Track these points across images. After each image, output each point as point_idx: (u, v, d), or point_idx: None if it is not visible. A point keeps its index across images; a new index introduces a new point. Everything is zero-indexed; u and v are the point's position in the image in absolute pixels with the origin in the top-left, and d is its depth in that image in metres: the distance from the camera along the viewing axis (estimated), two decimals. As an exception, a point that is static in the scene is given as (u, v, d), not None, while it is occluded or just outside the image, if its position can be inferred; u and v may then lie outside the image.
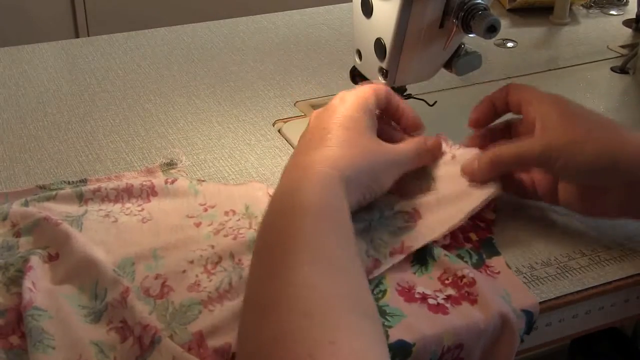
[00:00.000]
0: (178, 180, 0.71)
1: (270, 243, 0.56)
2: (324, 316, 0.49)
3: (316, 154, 0.62)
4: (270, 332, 0.49)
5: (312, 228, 0.55)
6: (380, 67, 0.72)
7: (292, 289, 0.51)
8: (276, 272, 0.53)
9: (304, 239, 0.55)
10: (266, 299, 0.52)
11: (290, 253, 0.54)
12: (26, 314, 0.56)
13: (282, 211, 0.58)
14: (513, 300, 0.60)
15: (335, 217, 0.58)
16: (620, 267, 0.65)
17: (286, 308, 0.50)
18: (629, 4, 1.19)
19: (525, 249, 0.67)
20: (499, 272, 0.63)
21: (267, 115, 0.87)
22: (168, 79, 0.95)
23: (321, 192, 0.58)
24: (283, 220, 0.57)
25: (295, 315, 0.49)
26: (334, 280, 0.52)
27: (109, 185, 0.70)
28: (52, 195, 0.69)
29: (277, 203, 0.60)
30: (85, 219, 0.67)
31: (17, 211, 0.66)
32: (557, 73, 0.98)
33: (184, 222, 0.67)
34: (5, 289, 0.59)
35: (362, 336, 0.49)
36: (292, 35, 1.07)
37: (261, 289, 0.53)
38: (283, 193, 0.60)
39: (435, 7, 0.68)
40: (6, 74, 0.95)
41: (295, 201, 0.58)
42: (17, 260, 0.61)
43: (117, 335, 0.56)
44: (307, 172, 0.60)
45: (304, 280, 0.51)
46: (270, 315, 0.50)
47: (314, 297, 0.50)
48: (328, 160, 0.61)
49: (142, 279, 0.61)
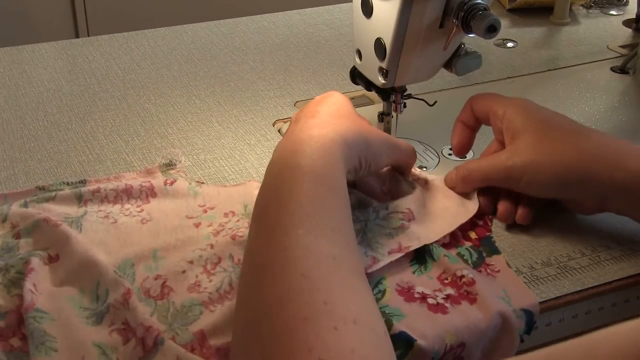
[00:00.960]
0: (177, 182, 0.71)
1: (268, 206, 0.57)
2: (318, 277, 0.50)
3: (314, 121, 0.63)
4: (265, 294, 0.50)
5: (309, 191, 0.56)
6: (380, 67, 0.72)
7: (287, 252, 0.52)
8: (272, 234, 0.54)
9: (299, 202, 0.55)
10: (262, 261, 0.53)
11: (286, 216, 0.54)
12: (28, 316, 0.56)
13: (281, 174, 0.59)
14: (513, 299, 0.60)
15: (332, 181, 0.58)
16: (620, 267, 0.65)
17: (280, 270, 0.51)
18: (629, 4, 1.19)
19: (525, 249, 0.67)
20: (499, 271, 0.63)
21: (267, 115, 0.87)
22: (168, 79, 0.95)
23: (322, 155, 0.59)
24: (281, 183, 0.58)
25: (289, 276, 0.50)
26: (328, 242, 0.53)
27: (108, 186, 0.70)
28: (52, 196, 0.69)
29: (276, 165, 0.60)
30: (84, 219, 0.67)
31: (17, 212, 0.66)
32: (557, 73, 0.98)
33: (184, 223, 0.67)
34: (5, 290, 0.59)
35: (357, 296, 0.50)
36: (292, 35, 1.07)
37: (257, 252, 0.54)
38: (281, 156, 0.61)
39: (435, 7, 0.68)
40: (6, 74, 0.95)
41: (293, 163, 0.58)
42: (17, 261, 0.61)
43: (120, 336, 0.56)
44: (305, 134, 0.61)
45: (298, 242, 0.52)
46: (265, 278, 0.51)
47: (308, 259, 0.51)
48: (328, 125, 0.62)
49: (143, 280, 0.61)
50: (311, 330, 0.46)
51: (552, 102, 0.91)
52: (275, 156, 0.62)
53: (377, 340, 0.49)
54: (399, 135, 0.79)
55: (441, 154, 0.80)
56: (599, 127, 0.85)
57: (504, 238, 0.68)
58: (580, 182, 0.64)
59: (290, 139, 0.62)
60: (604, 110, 0.89)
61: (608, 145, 0.65)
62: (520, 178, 0.66)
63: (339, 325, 0.47)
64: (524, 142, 0.66)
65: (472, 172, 0.69)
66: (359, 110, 0.87)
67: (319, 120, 0.64)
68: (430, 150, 0.80)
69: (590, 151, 0.64)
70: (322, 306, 0.48)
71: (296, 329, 0.47)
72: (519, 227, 0.69)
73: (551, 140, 0.65)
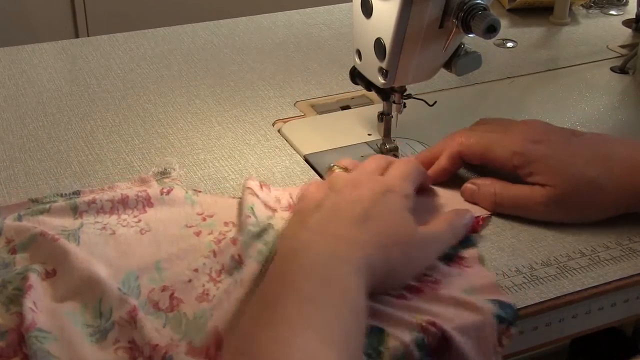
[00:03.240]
0: (173, 191, 0.70)
1: (279, 294, 0.54)
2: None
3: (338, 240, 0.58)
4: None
5: (326, 302, 0.53)
6: (380, 67, 0.72)
7: (290, 350, 0.49)
8: (278, 326, 0.51)
9: (315, 304, 0.52)
10: (260, 350, 0.50)
11: (300, 314, 0.52)
12: (29, 335, 0.54)
13: (294, 271, 0.55)
14: (479, 293, 0.60)
15: (353, 298, 0.55)
16: (620, 267, 0.65)
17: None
18: (629, 4, 1.19)
19: (525, 249, 0.67)
20: (470, 267, 0.63)
21: (267, 115, 0.87)
22: (168, 79, 0.95)
23: (347, 277, 0.55)
24: (294, 279, 0.54)
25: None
26: (335, 354, 0.50)
27: (104, 197, 0.69)
28: (46, 208, 0.67)
29: (294, 254, 0.57)
30: (82, 232, 0.65)
31: (12, 226, 0.65)
32: (557, 73, 0.98)
33: (184, 232, 0.66)
34: (4, 308, 0.57)
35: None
36: (292, 35, 1.07)
37: (254, 336, 0.51)
38: (302, 250, 0.57)
39: (435, 7, 0.68)
40: (6, 74, 0.95)
41: (314, 269, 0.55)
42: (14, 277, 0.60)
43: (126, 354, 0.55)
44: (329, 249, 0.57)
45: (304, 345, 0.49)
46: None
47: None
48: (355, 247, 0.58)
49: (149, 292, 0.60)
50: None
51: (551, 102, 0.91)
52: (295, 242, 0.58)
53: None
54: (399, 135, 0.79)
55: (441, 154, 0.80)
56: (599, 127, 0.85)
57: (504, 238, 0.68)
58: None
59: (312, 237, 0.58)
60: (603, 110, 0.89)
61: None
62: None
63: None
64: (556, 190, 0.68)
65: (504, 198, 0.70)
66: (359, 109, 0.88)
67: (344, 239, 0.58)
68: (430, 150, 0.80)
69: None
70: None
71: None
72: (519, 227, 0.69)
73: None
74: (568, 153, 0.69)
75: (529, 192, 0.69)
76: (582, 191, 0.67)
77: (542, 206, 0.68)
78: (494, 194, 0.70)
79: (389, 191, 0.63)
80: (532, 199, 0.68)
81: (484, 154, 0.71)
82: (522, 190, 0.69)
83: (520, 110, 0.88)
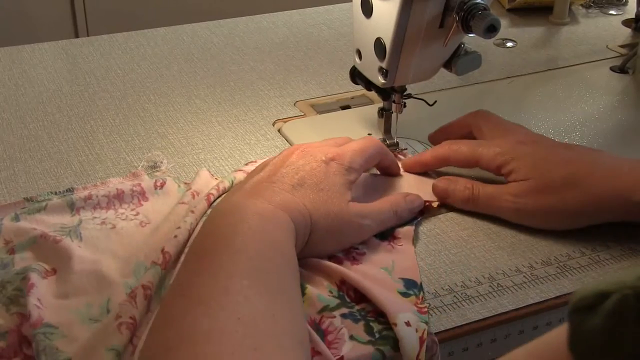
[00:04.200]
0: (167, 184, 0.72)
1: (214, 247, 0.55)
2: (254, 327, 0.49)
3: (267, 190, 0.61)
4: (191, 324, 0.49)
5: (259, 250, 0.55)
6: (380, 67, 0.72)
7: (228, 295, 0.50)
8: (214, 274, 0.52)
9: (248, 254, 0.54)
10: (197, 295, 0.51)
11: (233, 263, 0.53)
12: (36, 332, 0.54)
13: (232, 223, 0.57)
14: (395, 270, 0.62)
15: (283, 247, 0.57)
16: (620, 267, 0.65)
17: (217, 308, 0.49)
18: (629, 3, 1.19)
19: (525, 248, 0.67)
20: (402, 245, 0.66)
21: (267, 115, 0.87)
22: (168, 79, 0.95)
23: (274, 227, 0.58)
24: (230, 230, 0.56)
25: (225, 317, 0.49)
26: (271, 300, 0.52)
27: (100, 192, 0.69)
28: (42, 206, 0.67)
29: (228, 211, 0.59)
30: (82, 228, 0.66)
31: (10, 227, 0.65)
32: (557, 73, 0.98)
33: (176, 208, 0.68)
34: (4, 309, 0.57)
35: (287, 357, 0.49)
36: (292, 35, 1.07)
37: (193, 286, 0.52)
38: (236, 205, 0.59)
39: (435, 6, 0.68)
40: (6, 74, 0.95)
41: (247, 220, 0.57)
42: (14, 277, 0.59)
43: (128, 330, 0.55)
44: (257, 205, 0.59)
45: (242, 290, 0.51)
46: (196, 310, 0.50)
47: (247, 308, 0.50)
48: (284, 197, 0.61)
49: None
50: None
51: (551, 101, 0.91)
52: (227, 204, 0.60)
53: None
54: (399, 135, 0.79)
55: (441, 154, 0.80)
56: (599, 126, 0.86)
57: (504, 237, 0.68)
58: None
59: (249, 192, 0.61)
60: (603, 110, 0.89)
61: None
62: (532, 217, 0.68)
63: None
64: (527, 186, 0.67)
65: (481, 194, 0.69)
66: (359, 109, 0.88)
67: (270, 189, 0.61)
68: (430, 150, 0.80)
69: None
70: (252, 352, 0.47)
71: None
72: (519, 227, 0.69)
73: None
74: (551, 152, 0.68)
75: (504, 187, 0.68)
76: (557, 186, 0.66)
77: (512, 196, 0.67)
78: (471, 188, 0.69)
79: (333, 161, 0.65)
80: (505, 192, 0.68)
81: (470, 155, 0.71)
82: (498, 187, 0.69)
83: (520, 110, 0.88)
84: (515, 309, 0.61)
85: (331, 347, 0.55)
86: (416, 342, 0.55)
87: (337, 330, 0.57)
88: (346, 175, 0.65)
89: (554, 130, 0.84)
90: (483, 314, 0.60)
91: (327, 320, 0.57)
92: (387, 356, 0.55)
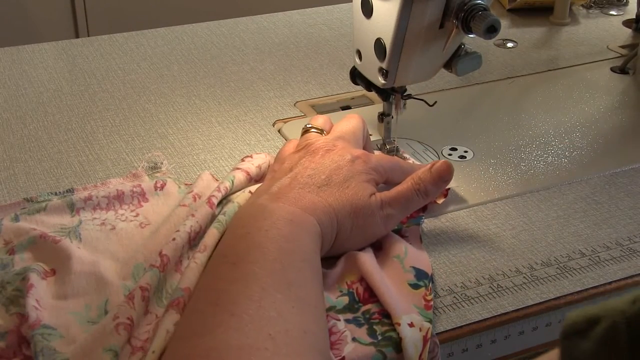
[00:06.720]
0: (167, 185, 0.71)
1: (247, 254, 0.55)
2: (284, 345, 0.49)
3: (291, 193, 0.61)
4: (221, 337, 0.48)
5: (293, 261, 0.55)
6: (380, 67, 0.72)
7: (261, 309, 0.50)
8: (246, 284, 0.52)
9: (283, 263, 0.54)
10: (228, 305, 0.50)
11: (267, 275, 0.53)
12: (34, 333, 0.54)
13: (262, 226, 0.57)
14: (407, 259, 0.62)
15: (309, 257, 0.57)
16: (620, 267, 0.65)
17: (249, 321, 0.49)
18: (629, 4, 1.19)
19: (525, 249, 0.67)
20: (409, 236, 0.66)
21: (267, 115, 0.87)
22: (168, 79, 0.95)
23: (302, 235, 0.58)
24: (262, 235, 0.56)
25: (256, 331, 0.48)
26: (304, 316, 0.52)
27: (100, 193, 0.69)
28: (42, 207, 0.67)
29: (258, 214, 0.59)
30: (82, 229, 0.66)
31: (10, 228, 0.65)
32: (557, 73, 0.98)
33: (177, 210, 0.68)
34: (4, 309, 0.57)
35: None
36: (292, 35, 1.07)
37: (224, 294, 0.52)
38: (273, 212, 0.59)
39: (435, 7, 0.68)
40: (6, 74, 0.95)
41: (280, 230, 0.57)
42: (13, 278, 0.59)
43: (126, 331, 0.55)
44: (280, 209, 0.59)
45: (275, 304, 0.51)
46: (227, 321, 0.49)
47: (280, 325, 0.50)
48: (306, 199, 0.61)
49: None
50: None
51: (551, 102, 0.91)
52: (256, 206, 0.60)
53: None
54: (399, 135, 0.79)
55: (441, 154, 0.80)
56: (599, 127, 0.85)
57: (504, 238, 0.68)
58: None
59: (271, 196, 0.61)
60: (603, 111, 0.89)
61: None
62: None
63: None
64: None
65: None
66: (359, 109, 0.88)
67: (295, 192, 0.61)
68: (430, 150, 0.81)
69: None
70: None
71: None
72: (519, 227, 0.69)
73: None
74: None
75: None
76: None
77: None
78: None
79: (359, 158, 0.65)
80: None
81: None
82: None
83: (520, 111, 0.88)
84: (515, 309, 0.61)
85: (333, 348, 0.55)
86: (419, 342, 0.55)
87: (340, 332, 0.57)
88: (371, 174, 0.65)
89: (554, 130, 0.84)
90: (483, 315, 0.60)
91: (332, 320, 0.58)
92: (388, 357, 0.55)
